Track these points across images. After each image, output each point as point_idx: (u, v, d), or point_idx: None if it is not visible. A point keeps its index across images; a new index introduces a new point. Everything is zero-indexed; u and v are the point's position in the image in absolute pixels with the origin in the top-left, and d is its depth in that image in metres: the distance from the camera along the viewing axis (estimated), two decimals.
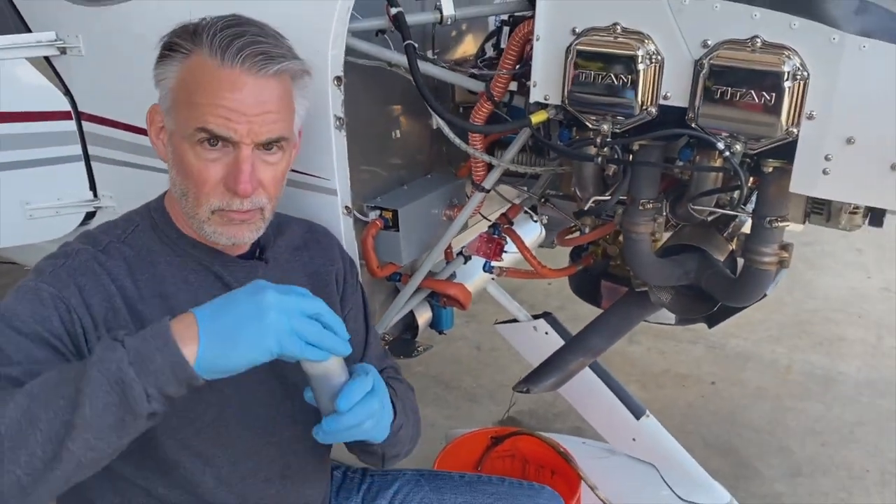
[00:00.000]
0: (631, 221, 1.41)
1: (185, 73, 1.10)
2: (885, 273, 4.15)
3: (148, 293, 1.14)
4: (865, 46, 1.09)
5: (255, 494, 1.25)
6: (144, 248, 1.17)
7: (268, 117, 1.10)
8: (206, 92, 1.07)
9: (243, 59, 1.07)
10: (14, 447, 0.86)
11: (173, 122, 1.13)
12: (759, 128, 1.18)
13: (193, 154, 1.10)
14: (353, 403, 1.02)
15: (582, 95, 1.31)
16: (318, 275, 1.33)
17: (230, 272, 1.21)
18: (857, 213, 1.37)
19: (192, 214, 1.14)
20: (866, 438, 2.81)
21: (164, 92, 1.14)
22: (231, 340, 0.91)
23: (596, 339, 1.71)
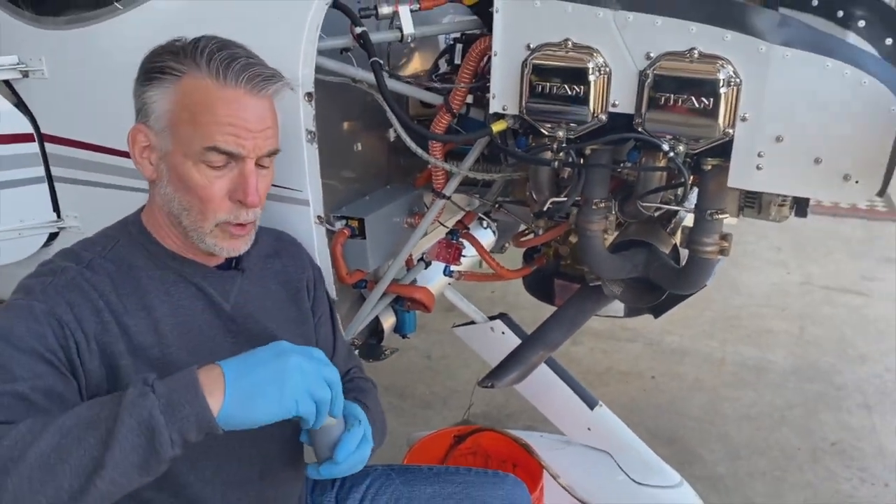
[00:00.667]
0: (585, 220, 1.53)
1: (182, 94, 1.14)
2: (803, 269, 4.44)
3: (132, 306, 1.17)
4: (788, 55, 1.23)
5: (236, 494, 1.30)
6: (125, 263, 1.20)
7: (268, 132, 1.18)
8: (212, 112, 1.13)
9: (245, 80, 1.14)
10: (43, 478, 0.91)
11: (170, 143, 1.17)
12: (698, 130, 1.31)
13: (198, 172, 1.15)
14: (349, 454, 1.15)
15: (538, 105, 1.42)
16: (290, 282, 1.41)
17: (209, 283, 1.26)
18: (785, 204, 1.52)
19: (194, 228, 1.19)
20: (796, 421, 3.02)
21: (157, 113, 1.17)
22: (254, 399, 0.99)
23: (554, 333, 1.82)
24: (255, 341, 1.27)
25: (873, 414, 3.05)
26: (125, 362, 1.14)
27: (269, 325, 1.32)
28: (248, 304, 1.31)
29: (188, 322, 1.22)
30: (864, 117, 1.22)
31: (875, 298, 4.07)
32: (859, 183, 1.26)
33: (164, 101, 1.16)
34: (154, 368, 1.15)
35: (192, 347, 1.22)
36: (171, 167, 1.18)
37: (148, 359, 1.16)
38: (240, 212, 1.19)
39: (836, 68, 1.21)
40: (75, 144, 1.71)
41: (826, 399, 3.16)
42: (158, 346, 1.18)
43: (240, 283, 1.30)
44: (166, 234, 1.24)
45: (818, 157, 1.26)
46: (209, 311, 1.25)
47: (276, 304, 1.36)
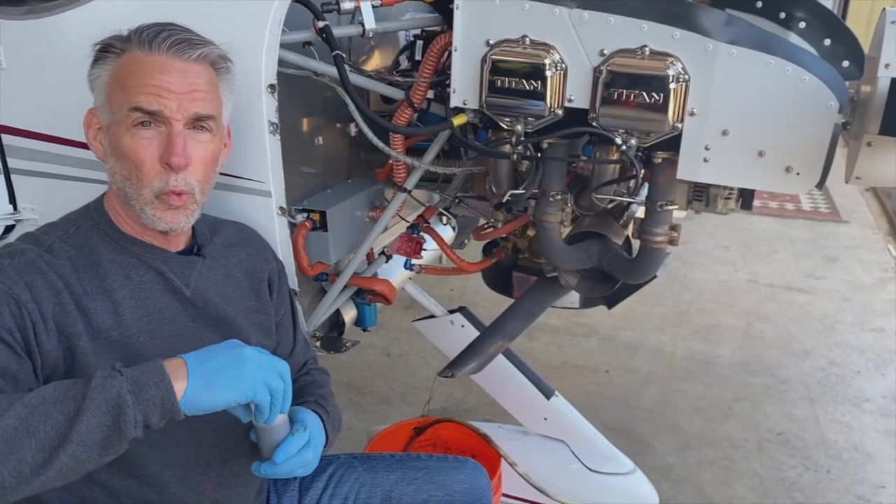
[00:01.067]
0: (542, 212, 1.58)
1: (118, 68, 1.19)
2: (750, 267, 4.58)
3: (92, 289, 1.19)
4: (734, 53, 1.30)
5: (196, 477, 1.32)
6: (86, 247, 1.22)
7: (196, 95, 1.20)
8: (136, 76, 1.17)
9: (168, 46, 1.18)
10: (8, 450, 0.93)
11: (108, 115, 1.21)
12: (649, 124, 1.37)
13: (129, 136, 1.18)
14: (289, 457, 1.18)
15: (497, 100, 1.46)
16: (252, 272, 1.43)
17: (169, 267, 1.28)
18: (731, 197, 1.59)
19: (135, 197, 1.20)
20: (743, 412, 3.12)
21: (99, 90, 1.22)
22: (215, 384, 1.04)
23: (513, 324, 1.87)
24: (214, 326, 1.31)
25: (816, 406, 3.17)
26: (84, 343, 1.15)
27: (228, 310, 1.34)
28: (209, 289, 1.32)
29: (148, 305, 1.24)
30: (804, 112, 1.29)
31: (818, 296, 4.22)
32: (800, 175, 1.33)
33: (104, 77, 1.21)
34: (114, 350, 1.17)
35: (152, 330, 1.23)
36: (111, 139, 1.21)
37: (108, 341, 1.18)
38: (169, 177, 1.19)
39: (778, 65, 1.28)
40: (33, 136, 1.69)
41: (771, 392, 3.27)
42: (118, 329, 1.19)
43: (200, 269, 1.32)
44: (123, 219, 1.26)
45: (762, 150, 1.33)
46: (169, 294, 1.27)
47: (237, 292, 1.38)
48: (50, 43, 1.64)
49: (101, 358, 1.16)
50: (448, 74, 1.57)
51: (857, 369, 3.46)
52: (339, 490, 1.52)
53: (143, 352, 1.21)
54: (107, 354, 1.17)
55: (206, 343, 1.26)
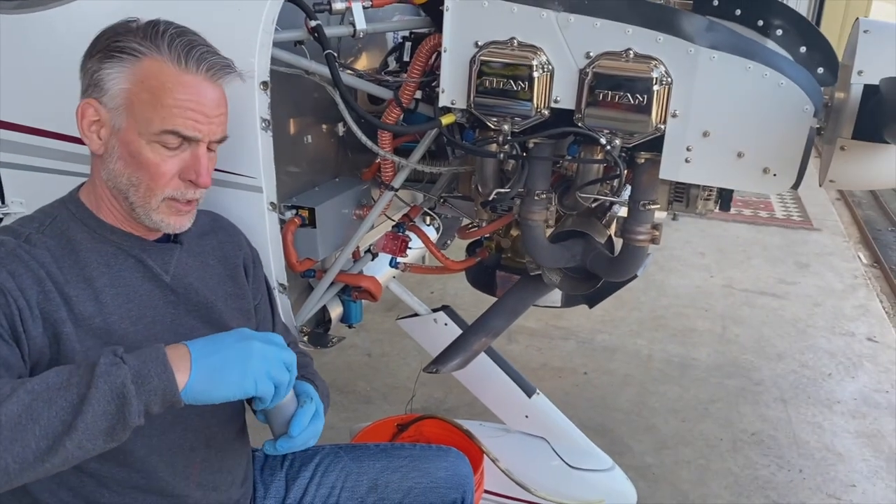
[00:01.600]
0: (527, 210, 1.62)
1: (143, 74, 1.18)
2: (724, 273, 4.66)
3: (73, 277, 1.19)
4: (714, 57, 1.35)
5: (182, 462, 1.33)
6: (64, 237, 1.22)
7: (221, 118, 1.24)
8: (173, 95, 1.17)
9: (206, 68, 1.19)
10: (12, 437, 0.93)
11: (124, 120, 1.19)
12: (633, 125, 1.41)
13: (151, 151, 1.19)
14: (304, 428, 1.21)
15: (485, 100, 1.50)
16: (227, 259, 1.44)
17: (149, 255, 1.28)
18: (710, 198, 1.64)
19: (141, 204, 1.22)
20: (718, 413, 3.18)
21: (113, 91, 1.19)
22: (217, 377, 1.05)
23: (496, 321, 1.90)
24: (194, 312, 1.33)
25: (789, 407, 3.25)
26: (68, 330, 1.15)
27: (208, 295, 1.35)
28: (188, 275, 1.34)
29: (129, 293, 1.24)
30: (781, 115, 1.35)
31: (791, 300, 4.31)
32: (777, 176, 1.39)
33: (122, 79, 1.18)
34: (97, 337, 1.18)
35: (134, 317, 1.24)
36: (122, 143, 1.20)
37: (91, 328, 1.18)
38: (188, 190, 1.23)
39: (756, 70, 1.33)
40: (23, 129, 1.70)
41: (745, 393, 3.34)
42: (101, 315, 1.20)
43: (178, 256, 1.33)
44: (107, 209, 1.26)
45: (741, 151, 1.38)
46: (149, 281, 1.28)
47: (215, 279, 1.39)
48: (40, 37, 1.65)
49: (85, 344, 1.17)
50: (436, 75, 1.61)
51: (829, 372, 3.54)
52: (326, 479, 1.55)
53: (126, 338, 1.21)
54: (90, 341, 1.17)
55: (186, 329, 1.30)
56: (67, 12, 1.62)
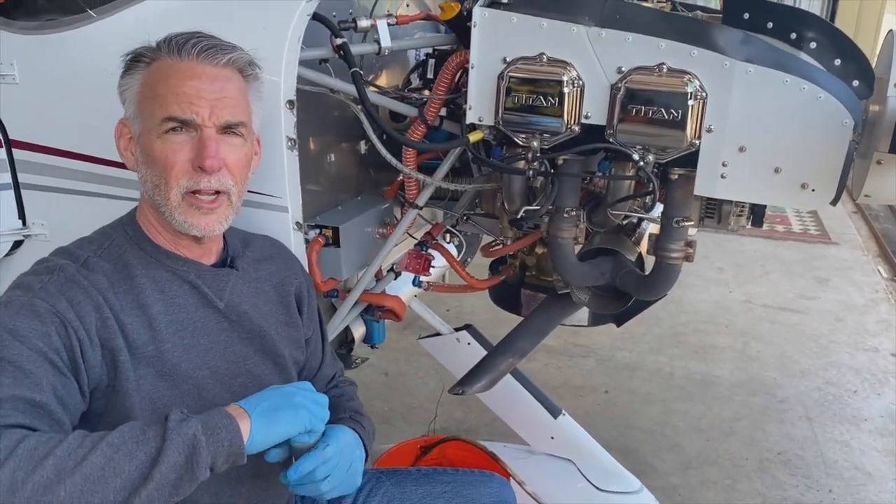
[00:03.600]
0: (557, 228, 1.59)
1: (148, 76, 1.20)
2: (743, 288, 4.61)
3: (128, 305, 1.19)
4: (751, 71, 1.32)
5: (228, 493, 1.31)
6: (120, 262, 1.22)
7: (227, 101, 1.21)
8: (167, 83, 1.18)
9: (198, 52, 1.20)
10: (94, 489, 0.97)
11: (140, 124, 1.21)
12: (667, 140, 1.38)
13: (161, 143, 1.19)
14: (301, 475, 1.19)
15: (513, 117, 1.47)
16: (282, 286, 1.42)
17: (204, 280, 1.27)
18: (743, 214, 1.60)
19: (164, 203, 1.20)
20: (743, 432, 3.13)
21: (130, 100, 1.23)
22: (274, 418, 1.10)
23: (523, 341, 1.87)
24: (247, 339, 1.31)
25: (814, 425, 3.19)
26: (124, 358, 1.15)
27: (261, 323, 1.34)
28: (242, 302, 1.32)
29: (182, 319, 1.23)
30: (820, 130, 1.31)
31: (812, 316, 4.25)
32: (815, 191, 1.35)
33: (134, 86, 1.22)
34: (150, 366, 1.17)
35: (186, 345, 1.23)
36: (141, 147, 1.22)
37: (144, 356, 1.17)
38: (200, 178, 1.19)
39: (794, 84, 1.30)
40: (45, 150, 1.69)
41: (770, 411, 3.29)
42: (154, 343, 1.19)
43: (233, 282, 1.31)
44: (157, 231, 1.26)
45: (778, 166, 1.35)
46: (203, 308, 1.26)
47: (268, 305, 1.38)
48: (64, 59, 1.64)
49: (138, 373, 1.16)
50: (462, 92, 1.58)
51: (854, 389, 3.48)
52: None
53: (179, 367, 1.21)
54: (143, 370, 1.17)
55: (239, 356, 1.29)
56: (85, 34, 1.61)
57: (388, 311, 1.87)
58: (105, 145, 1.61)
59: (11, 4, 1.71)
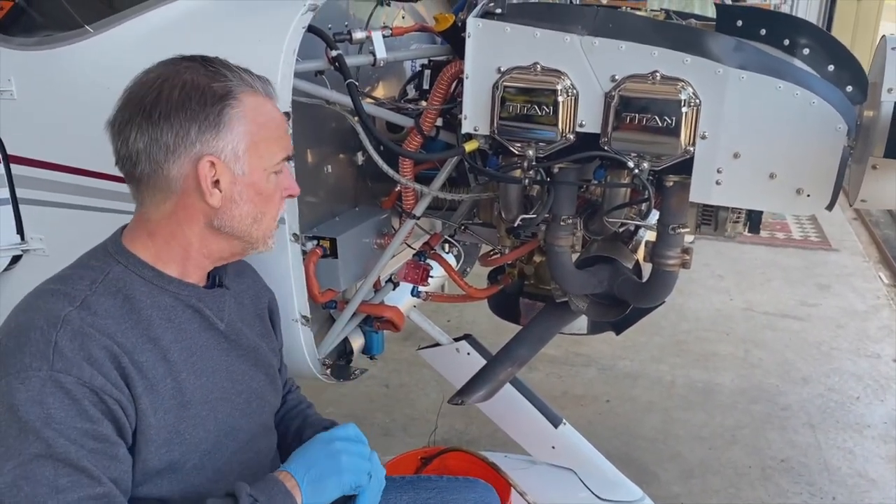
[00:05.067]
0: (554, 236, 1.59)
1: (251, 114, 1.18)
2: (744, 295, 4.60)
3: (139, 341, 1.14)
4: (744, 77, 1.32)
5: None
6: (121, 295, 1.15)
7: None
8: (274, 123, 1.22)
9: (266, 87, 1.23)
10: None
11: (248, 164, 1.17)
12: (662, 147, 1.39)
13: (268, 181, 1.22)
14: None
15: (509, 126, 1.48)
16: (257, 298, 1.43)
17: (205, 304, 1.25)
18: (739, 220, 1.60)
19: (262, 234, 1.25)
20: (746, 440, 3.11)
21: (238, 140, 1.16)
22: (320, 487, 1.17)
23: (522, 349, 1.87)
24: (244, 356, 1.31)
25: (817, 432, 3.17)
26: (144, 405, 1.12)
27: (254, 338, 1.35)
28: (237, 320, 1.32)
29: (191, 346, 1.22)
30: (814, 135, 1.32)
31: (813, 323, 4.24)
32: (811, 196, 1.35)
33: (241, 126, 1.16)
34: (170, 399, 1.16)
35: (198, 370, 1.22)
36: (249, 186, 1.20)
37: (164, 390, 1.15)
38: (283, 204, 1.30)
39: (787, 89, 1.31)
40: (43, 165, 1.69)
41: (772, 419, 3.27)
42: (171, 376, 1.16)
43: (228, 301, 1.31)
44: (176, 257, 1.21)
45: (773, 172, 1.35)
46: (206, 331, 1.25)
47: (252, 319, 1.39)
48: (61, 73, 1.65)
49: (158, 412, 1.14)
50: (457, 102, 1.59)
51: (856, 395, 3.47)
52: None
53: (195, 394, 1.19)
54: (167, 402, 1.15)
55: (239, 374, 1.30)
56: (82, 50, 1.62)
57: (387, 321, 1.87)
58: (102, 160, 1.61)
59: (9, 20, 1.72)
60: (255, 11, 1.56)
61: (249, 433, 1.31)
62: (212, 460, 1.23)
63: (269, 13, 1.54)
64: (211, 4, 1.60)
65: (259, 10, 1.56)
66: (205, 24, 1.57)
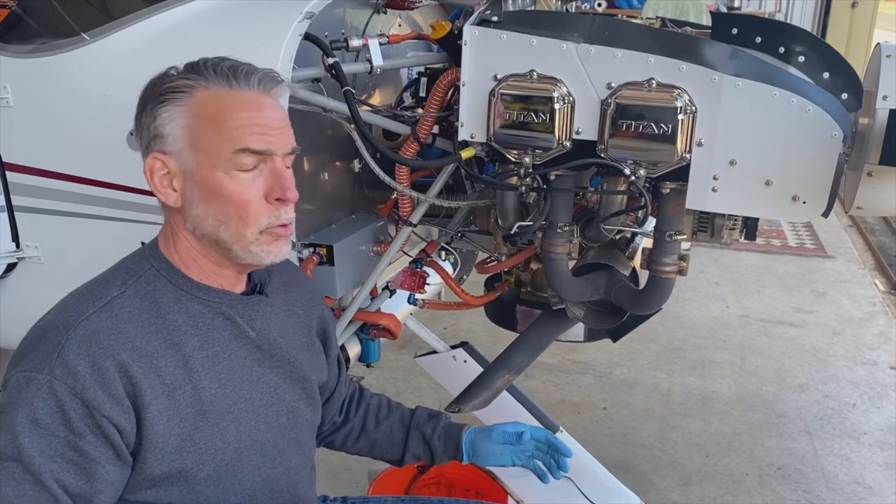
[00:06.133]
0: (550, 243, 1.59)
1: (198, 107, 1.12)
2: (741, 302, 4.60)
3: (161, 345, 1.12)
4: (739, 85, 1.33)
5: None
6: (149, 298, 1.15)
7: (288, 129, 1.17)
8: (234, 116, 1.11)
9: (257, 82, 1.14)
10: None
11: (193, 159, 1.12)
12: (658, 154, 1.39)
13: (230, 179, 1.12)
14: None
15: (505, 133, 1.48)
16: (307, 310, 1.38)
17: (236, 311, 1.21)
18: (736, 227, 1.61)
19: (236, 240, 1.14)
20: (742, 447, 3.11)
21: (174, 134, 1.13)
22: None
23: (519, 357, 1.86)
24: (278, 368, 1.27)
25: (814, 439, 3.17)
26: (155, 409, 1.10)
27: (290, 350, 1.29)
28: (272, 330, 1.27)
29: (218, 353, 1.18)
30: (810, 142, 1.32)
31: (809, 330, 4.24)
32: (807, 203, 1.36)
33: (180, 118, 1.12)
34: (189, 406, 1.14)
35: (224, 379, 1.18)
36: (199, 183, 1.13)
37: (183, 397, 1.13)
38: (280, 211, 1.15)
39: (782, 97, 1.31)
40: (38, 173, 1.69)
41: (769, 426, 3.27)
42: (190, 383, 1.14)
43: (263, 309, 1.26)
44: (192, 262, 1.19)
45: (769, 179, 1.36)
46: (236, 340, 1.21)
47: (295, 330, 1.33)
48: (58, 81, 1.65)
49: (172, 418, 1.11)
50: (454, 109, 1.59)
51: (853, 402, 3.47)
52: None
53: (215, 402, 1.16)
54: (184, 410, 1.13)
55: (270, 386, 1.25)
56: (78, 57, 1.63)
57: (384, 329, 1.87)
58: (98, 167, 1.62)
59: (5, 28, 1.72)
60: (252, 19, 1.57)
61: (276, 448, 1.26)
62: (230, 472, 1.19)
63: (266, 21, 1.54)
64: (208, 12, 1.60)
65: (256, 18, 1.56)
66: (201, 32, 1.58)
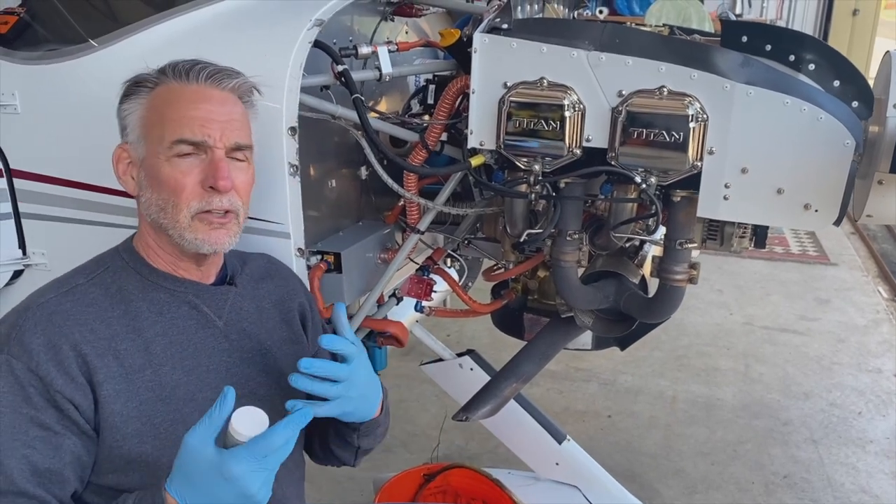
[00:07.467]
0: (560, 251, 1.58)
1: (154, 100, 1.21)
2: (744, 310, 4.60)
3: (122, 330, 1.18)
4: (751, 93, 1.32)
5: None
6: (114, 286, 1.21)
7: (234, 123, 1.22)
8: (177, 107, 1.19)
9: (206, 76, 1.21)
10: None
11: (144, 148, 1.21)
12: (669, 163, 1.38)
13: (170, 166, 1.18)
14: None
15: (515, 141, 1.47)
16: (282, 303, 1.41)
17: (202, 300, 1.27)
18: (745, 235, 1.60)
19: (172, 225, 1.19)
20: (748, 455, 3.10)
21: (132, 125, 1.23)
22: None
23: (527, 365, 1.85)
24: (248, 359, 1.30)
25: (820, 448, 3.16)
26: (110, 388, 1.13)
27: (263, 341, 1.33)
28: (242, 320, 1.31)
29: (182, 341, 1.22)
30: (822, 150, 1.32)
31: (813, 337, 4.24)
32: (819, 212, 1.35)
33: (138, 111, 1.22)
34: (150, 390, 1.17)
35: (189, 366, 1.22)
36: (146, 171, 1.21)
37: (142, 381, 1.17)
38: (212, 198, 1.19)
39: (794, 105, 1.31)
40: (46, 180, 1.69)
41: (774, 434, 3.26)
42: (150, 368, 1.18)
43: (232, 299, 1.31)
44: (156, 254, 1.25)
45: (780, 187, 1.35)
46: (203, 328, 1.25)
47: (270, 323, 1.37)
48: (65, 87, 1.65)
49: (130, 401, 1.15)
50: (463, 116, 1.59)
51: (858, 410, 3.46)
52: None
53: (178, 388, 1.19)
54: (143, 394, 1.16)
55: (242, 377, 1.26)
56: (86, 64, 1.62)
57: (391, 336, 1.86)
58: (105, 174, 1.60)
59: (13, 34, 1.72)
60: (262, 26, 1.56)
61: None
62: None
63: (275, 28, 1.54)
64: (217, 18, 1.60)
65: (265, 25, 1.56)
66: (211, 39, 1.57)
